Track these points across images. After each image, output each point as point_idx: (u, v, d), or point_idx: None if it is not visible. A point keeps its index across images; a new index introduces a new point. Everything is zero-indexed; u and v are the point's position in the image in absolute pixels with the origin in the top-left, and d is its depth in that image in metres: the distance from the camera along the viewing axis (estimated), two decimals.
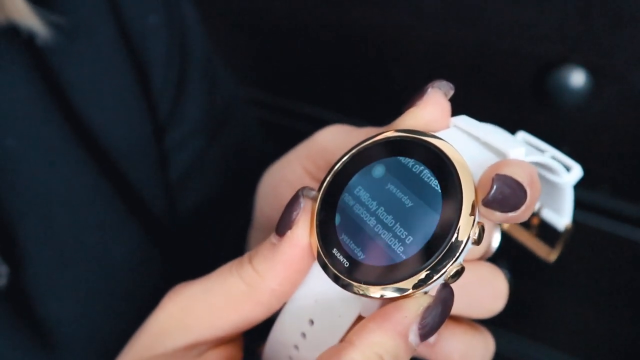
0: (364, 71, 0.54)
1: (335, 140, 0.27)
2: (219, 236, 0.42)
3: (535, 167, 0.26)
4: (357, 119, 0.56)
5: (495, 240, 0.25)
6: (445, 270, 0.19)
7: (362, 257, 0.20)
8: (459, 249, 0.19)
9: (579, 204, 0.47)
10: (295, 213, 0.22)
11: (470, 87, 0.49)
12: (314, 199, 0.22)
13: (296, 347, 0.23)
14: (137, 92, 0.38)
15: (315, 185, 0.28)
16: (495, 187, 0.19)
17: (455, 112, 0.23)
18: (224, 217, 0.42)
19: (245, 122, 0.47)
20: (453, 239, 0.19)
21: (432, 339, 0.22)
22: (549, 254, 0.32)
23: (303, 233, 0.22)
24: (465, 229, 0.19)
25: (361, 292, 0.20)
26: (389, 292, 0.20)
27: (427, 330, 0.19)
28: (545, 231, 0.31)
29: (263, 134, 0.49)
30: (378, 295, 0.20)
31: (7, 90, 0.34)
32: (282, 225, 0.22)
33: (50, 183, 0.35)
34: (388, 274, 0.20)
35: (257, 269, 0.22)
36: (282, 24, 0.56)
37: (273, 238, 0.22)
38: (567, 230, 0.30)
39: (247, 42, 0.60)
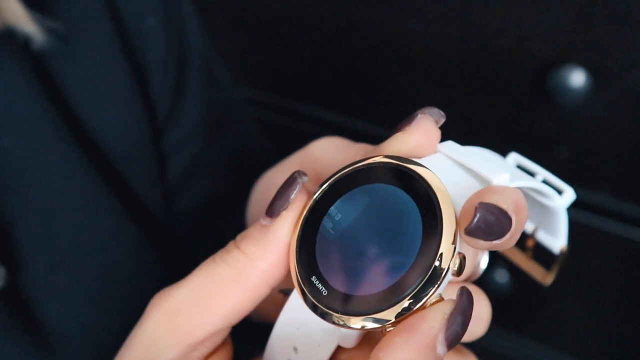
0: (363, 71, 0.54)
1: (329, 154, 0.27)
2: (217, 238, 0.42)
3: (527, 191, 0.25)
4: (357, 119, 0.56)
5: (483, 262, 0.25)
6: (425, 302, 0.19)
7: (341, 286, 0.20)
8: (438, 279, 0.19)
9: (579, 204, 0.47)
10: (292, 194, 0.22)
11: (471, 87, 0.49)
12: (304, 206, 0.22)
13: None
14: (135, 93, 0.38)
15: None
16: (478, 215, 0.19)
17: (455, 112, 0.23)
18: (222, 218, 0.42)
19: (245, 123, 0.47)
20: (432, 270, 0.19)
21: None
22: (545, 277, 0.31)
23: (296, 215, 0.22)
24: (446, 260, 0.19)
25: (341, 323, 0.20)
26: (370, 323, 0.19)
27: (454, 338, 0.19)
28: (540, 253, 0.31)
29: (263, 134, 0.49)
30: (359, 326, 0.19)
31: (5, 92, 0.34)
32: (275, 207, 0.22)
33: (47, 184, 0.35)
34: (367, 304, 0.19)
35: (246, 252, 0.22)
36: (282, 23, 0.56)
37: (263, 220, 0.22)
38: (562, 253, 0.29)
39: (247, 42, 0.60)
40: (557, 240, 0.29)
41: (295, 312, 0.22)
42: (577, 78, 0.43)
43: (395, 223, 0.20)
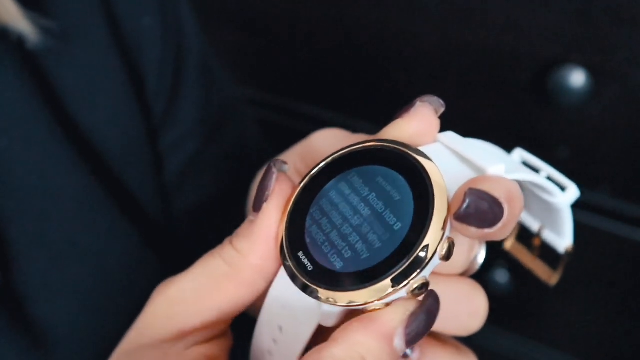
0: (363, 71, 0.54)
1: (329, 144, 0.27)
2: (215, 237, 0.42)
3: (531, 187, 0.25)
4: (357, 119, 0.56)
5: (480, 256, 0.24)
6: (408, 283, 0.19)
7: (326, 261, 0.20)
8: (424, 262, 0.19)
9: (579, 204, 0.47)
10: (269, 186, 0.22)
11: (471, 87, 0.49)
12: (298, 184, 0.22)
13: (270, 352, 0.23)
14: (131, 93, 0.38)
15: None
16: (467, 201, 0.19)
17: (455, 112, 0.23)
18: (221, 218, 0.42)
19: (243, 123, 0.47)
20: (419, 251, 0.19)
21: (415, 356, 0.21)
22: (551, 277, 0.31)
23: (279, 205, 0.22)
24: (434, 243, 0.19)
25: (316, 295, 0.20)
26: (343, 298, 0.19)
27: (413, 336, 0.19)
28: (546, 252, 0.31)
29: (262, 134, 0.49)
30: (331, 299, 0.19)
31: None
32: (258, 201, 0.22)
33: (41, 184, 0.34)
34: (349, 281, 0.19)
35: (237, 248, 0.22)
36: (282, 23, 0.56)
37: (251, 215, 0.22)
38: (567, 253, 0.29)
39: (247, 42, 0.60)
40: (562, 239, 0.29)
41: (282, 289, 0.22)
42: (577, 78, 0.43)
43: (386, 204, 0.20)
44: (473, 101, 0.49)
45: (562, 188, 0.26)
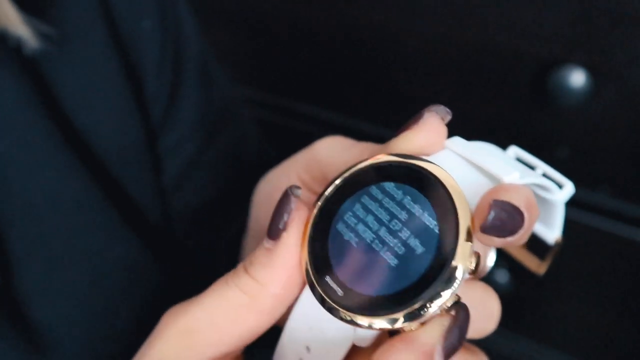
0: (363, 70, 0.54)
1: (334, 154, 0.27)
2: (214, 240, 0.42)
3: (530, 185, 0.26)
4: (357, 119, 0.56)
5: (490, 259, 0.25)
6: (442, 302, 0.19)
7: (355, 285, 0.20)
8: (455, 280, 0.19)
9: (579, 204, 0.47)
10: (286, 214, 0.21)
11: (471, 87, 0.49)
12: (313, 205, 0.22)
13: None
14: (130, 96, 0.38)
15: (310, 196, 0.28)
16: (493, 213, 0.19)
17: (455, 112, 0.23)
18: (220, 219, 0.42)
19: (242, 125, 0.47)
20: (449, 270, 0.19)
21: None
22: (539, 267, 0.32)
23: (298, 233, 0.21)
24: (463, 258, 0.19)
25: (348, 319, 0.20)
26: (380, 322, 0.19)
27: (450, 350, 0.19)
28: (535, 243, 0.31)
29: (261, 136, 0.49)
30: (366, 324, 0.19)
31: None
32: (275, 228, 0.21)
33: (40, 188, 0.34)
34: (383, 304, 0.19)
35: (255, 277, 0.22)
36: (282, 23, 0.56)
37: (267, 243, 0.22)
38: (557, 244, 0.30)
39: (247, 42, 0.60)
40: (552, 231, 0.29)
41: (308, 311, 0.22)
42: (577, 78, 0.43)
43: (408, 222, 0.20)
44: (473, 101, 0.49)
45: (559, 185, 0.26)
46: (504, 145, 0.27)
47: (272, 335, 0.24)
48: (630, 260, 0.47)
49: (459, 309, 0.19)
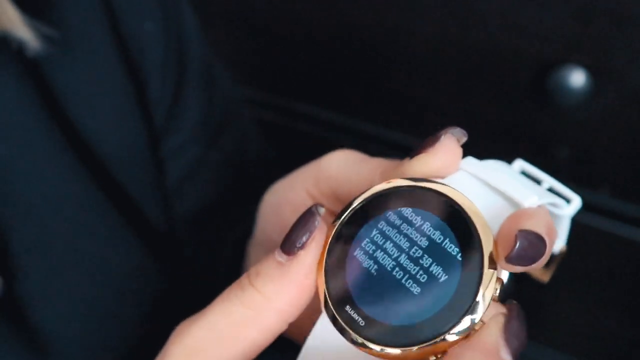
0: (364, 71, 0.54)
1: (343, 169, 0.26)
2: (218, 244, 0.42)
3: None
4: (357, 119, 0.56)
5: (504, 275, 0.25)
6: (469, 332, 0.18)
7: (378, 315, 0.19)
8: (481, 308, 0.18)
9: None
10: (309, 233, 0.21)
11: (470, 87, 0.49)
12: (333, 225, 0.21)
13: None
14: (133, 99, 0.38)
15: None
16: (519, 243, 0.19)
17: (455, 112, 0.23)
18: (223, 223, 0.42)
19: (244, 127, 0.47)
20: (475, 298, 0.18)
21: None
22: (543, 275, 0.32)
23: (317, 253, 0.21)
24: (488, 286, 0.19)
25: (380, 351, 0.19)
26: (406, 351, 0.19)
27: (515, 344, 0.19)
28: None
29: (261, 135, 0.49)
30: (393, 353, 0.19)
31: None
32: (291, 244, 0.21)
33: (41, 190, 0.34)
34: (408, 335, 0.19)
35: (262, 291, 0.21)
36: (282, 23, 0.56)
37: (279, 256, 0.21)
38: (561, 253, 0.30)
39: (247, 42, 0.60)
40: (557, 242, 0.30)
41: (325, 339, 0.21)
42: (577, 78, 0.43)
43: (429, 250, 0.19)
44: (473, 101, 0.49)
45: (566, 199, 0.26)
46: (504, 146, 0.27)
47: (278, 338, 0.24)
48: (631, 260, 0.47)
49: (508, 305, 0.19)
